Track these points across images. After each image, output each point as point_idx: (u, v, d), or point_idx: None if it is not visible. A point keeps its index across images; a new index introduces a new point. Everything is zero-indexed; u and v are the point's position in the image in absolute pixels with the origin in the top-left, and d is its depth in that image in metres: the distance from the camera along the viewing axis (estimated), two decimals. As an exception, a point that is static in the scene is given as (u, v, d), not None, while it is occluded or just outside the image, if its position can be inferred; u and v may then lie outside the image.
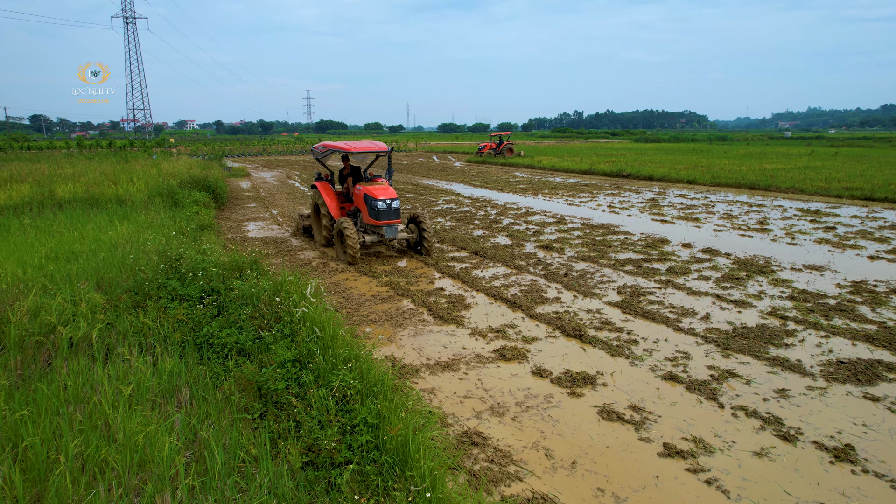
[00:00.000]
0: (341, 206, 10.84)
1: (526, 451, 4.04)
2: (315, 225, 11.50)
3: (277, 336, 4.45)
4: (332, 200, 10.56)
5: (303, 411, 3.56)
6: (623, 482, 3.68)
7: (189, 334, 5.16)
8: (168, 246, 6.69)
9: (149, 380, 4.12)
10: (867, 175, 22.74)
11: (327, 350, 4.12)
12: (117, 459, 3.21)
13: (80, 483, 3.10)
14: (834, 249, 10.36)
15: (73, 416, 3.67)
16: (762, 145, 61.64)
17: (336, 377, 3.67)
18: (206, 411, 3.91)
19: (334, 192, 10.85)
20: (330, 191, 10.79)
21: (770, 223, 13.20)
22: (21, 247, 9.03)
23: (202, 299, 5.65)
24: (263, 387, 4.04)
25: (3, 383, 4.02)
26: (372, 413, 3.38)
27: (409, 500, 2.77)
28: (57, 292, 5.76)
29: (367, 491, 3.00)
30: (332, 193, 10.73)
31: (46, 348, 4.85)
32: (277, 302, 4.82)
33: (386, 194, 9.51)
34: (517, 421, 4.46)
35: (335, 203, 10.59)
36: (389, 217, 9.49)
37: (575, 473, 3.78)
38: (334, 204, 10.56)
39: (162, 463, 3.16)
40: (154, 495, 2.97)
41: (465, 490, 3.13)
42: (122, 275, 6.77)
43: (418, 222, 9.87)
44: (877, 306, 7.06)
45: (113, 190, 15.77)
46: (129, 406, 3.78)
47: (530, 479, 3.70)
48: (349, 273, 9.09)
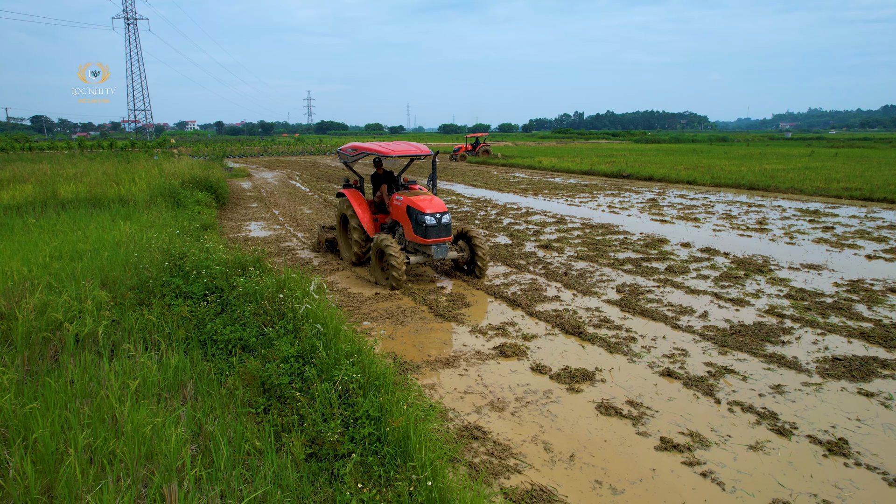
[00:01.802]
0: (374, 217, 9.49)
1: (525, 444, 4.11)
2: (342, 239, 10.01)
3: (281, 332, 4.53)
4: (364, 212, 9.11)
5: (306, 405, 3.63)
6: (620, 475, 3.75)
7: (193, 331, 5.24)
8: (172, 244, 6.76)
9: (154, 375, 4.20)
10: (866, 176, 22.80)
11: (330, 345, 4.19)
12: (125, 451, 3.28)
13: (89, 474, 3.17)
14: (832, 249, 10.43)
15: (80, 409, 3.74)
16: (762, 146, 61.69)
17: (339, 372, 3.75)
18: (211, 405, 3.98)
19: (366, 203, 9.40)
20: (361, 200, 9.31)
21: (769, 223, 13.27)
22: (25, 246, 9.11)
23: (206, 296, 5.73)
24: (267, 382, 4.11)
25: (13, 378, 4.09)
26: (374, 406, 3.45)
27: (410, 490, 2.84)
28: (63, 290, 5.84)
29: (370, 481, 3.07)
30: (364, 204, 9.26)
31: (53, 344, 4.92)
32: (281, 298, 4.89)
33: (434, 207, 8.05)
34: (516, 415, 4.53)
35: (368, 215, 9.14)
36: (439, 234, 8.02)
37: (573, 466, 3.85)
38: (367, 216, 9.10)
39: (169, 454, 3.23)
40: (161, 486, 3.04)
41: (465, 481, 3.20)
42: (126, 273, 6.86)
43: (469, 238, 8.45)
44: (873, 305, 7.13)
45: (115, 190, 15.86)
46: (135, 400, 3.85)
47: (529, 471, 3.77)
48: (350, 272, 9.16)
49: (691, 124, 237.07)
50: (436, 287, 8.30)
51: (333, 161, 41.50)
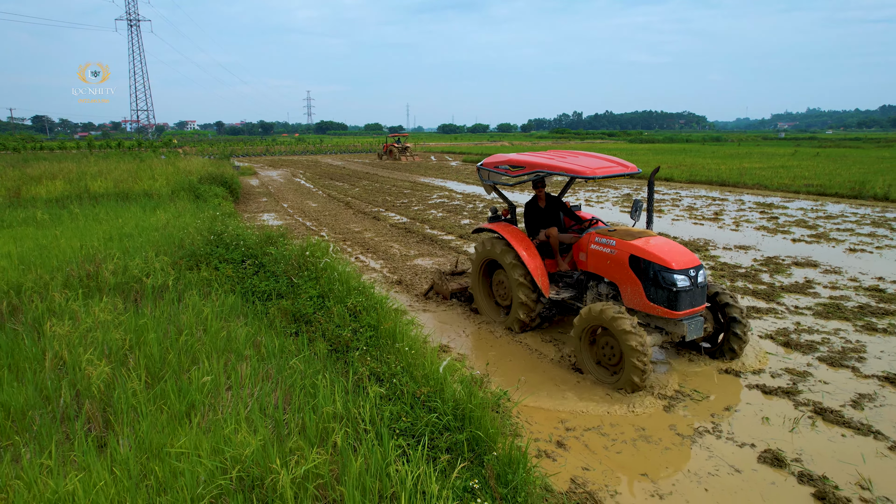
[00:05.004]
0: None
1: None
2: (482, 293, 7.25)
3: (306, 279, 6.23)
4: (533, 258, 6.39)
5: (327, 321, 5.34)
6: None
7: (236, 285, 6.95)
8: (213, 224, 8.47)
9: (218, 307, 5.91)
10: (833, 174, 24.47)
11: (343, 284, 5.90)
12: (210, 344, 4.98)
13: (185, 363, 4.86)
14: (767, 235, 12.13)
15: (169, 327, 5.44)
16: (753, 146, 63.46)
17: (350, 299, 5.45)
18: (259, 326, 5.68)
19: (533, 245, 6.62)
20: (526, 242, 6.57)
21: (724, 214, 14.98)
22: (79, 230, 10.84)
23: (244, 261, 7.44)
24: (297, 313, 5.81)
25: (120, 308, 5.80)
26: (373, 318, 5.16)
27: (395, 361, 4.53)
28: (135, 256, 7.56)
29: (371, 360, 4.77)
30: (531, 247, 6.52)
31: (135, 292, 6.63)
32: (307, 255, 6.60)
33: (683, 259, 5.36)
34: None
35: (539, 263, 6.40)
36: (694, 303, 5.36)
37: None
38: (539, 266, 6.37)
39: (239, 346, 4.93)
40: (236, 365, 4.74)
41: (434, 349, 4.90)
42: (174, 247, 8.57)
43: (724, 306, 5.74)
44: (775, 274, 8.84)
45: (140, 185, 17.63)
46: (208, 320, 5.55)
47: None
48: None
49: (689, 124, 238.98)
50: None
51: (334, 161, 43.25)
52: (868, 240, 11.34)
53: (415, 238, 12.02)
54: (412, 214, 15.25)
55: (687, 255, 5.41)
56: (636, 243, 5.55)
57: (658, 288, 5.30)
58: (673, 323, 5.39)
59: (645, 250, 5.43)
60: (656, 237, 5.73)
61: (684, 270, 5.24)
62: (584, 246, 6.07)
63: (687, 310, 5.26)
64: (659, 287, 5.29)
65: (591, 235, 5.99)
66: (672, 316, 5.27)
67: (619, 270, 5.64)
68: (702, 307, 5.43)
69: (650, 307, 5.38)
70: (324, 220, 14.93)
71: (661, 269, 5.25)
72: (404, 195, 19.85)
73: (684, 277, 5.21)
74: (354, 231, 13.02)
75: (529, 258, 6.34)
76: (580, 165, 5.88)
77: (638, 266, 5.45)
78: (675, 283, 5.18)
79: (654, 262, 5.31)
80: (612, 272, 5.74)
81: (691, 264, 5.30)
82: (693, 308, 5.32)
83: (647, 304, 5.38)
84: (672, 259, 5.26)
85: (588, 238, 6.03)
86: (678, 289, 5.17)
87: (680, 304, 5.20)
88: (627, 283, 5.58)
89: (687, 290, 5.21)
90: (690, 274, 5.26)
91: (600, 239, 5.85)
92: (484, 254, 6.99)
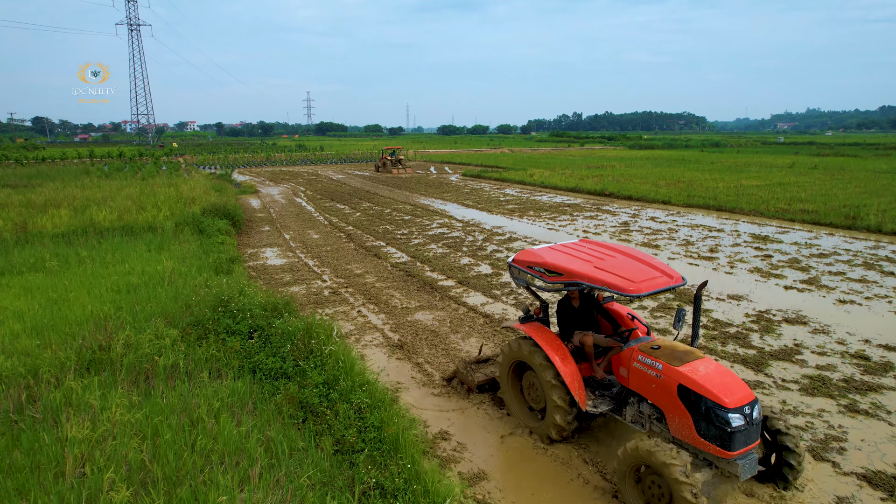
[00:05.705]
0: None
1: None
2: (512, 395, 6.78)
3: (311, 365, 6.50)
4: (567, 365, 5.95)
5: (333, 418, 5.60)
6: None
7: (244, 361, 7.21)
8: (220, 290, 8.73)
9: (229, 396, 6.17)
10: (830, 195, 24.75)
11: (347, 376, 6.16)
12: (223, 448, 5.24)
13: (198, 464, 5.12)
14: (760, 280, 12.38)
15: (182, 417, 5.70)
16: (752, 152, 63.79)
17: (354, 396, 5.72)
18: (267, 418, 5.95)
19: (568, 351, 6.15)
20: (560, 347, 6.14)
21: (719, 250, 15.24)
22: (88, 279, 11.10)
23: (251, 334, 7.70)
24: (304, 401, 6.07)
25: (133, 398, 6.07)
26: (377, 419, 5.42)
27: (398, 472, 4.79)
28: (143, 328, 7.82)
29: (375, 466, 5.03)
30: (566, 353, 6.08)
31: (146, 370, 6.89)
32: (310, 341, 6.86)
33: (738, 392, 4.96)
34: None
35: (574, 370, 5.96)
36: (748, 441, 4.95)
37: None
38: (575, 374, 5.92)
39: (250, 450, 5.20)
40: (248, 468, 5.00)
41: (434, 466, 5.17)
42: (182, 310, 8.82)
43: (777, 434, 5.29)
44: (765, 334, 9.10)
45: (143, 216, 17.90)
46: (218, 412, 5.81)
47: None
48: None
49: (689, 125, 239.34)
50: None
51: (334, 174, 43.56)
52: (858, 287, 11.60)
53: (415, 284, 12.27)
54: (412, 251, 15.51)
55: (741, 388, 4.97)
56: (685, 371, 5.06)
57: (710, 424, 4.83)
58: (725, 461, 4.90)
59: (696, 382, 4.93)
60: (705, 361, 5.23)
61: (739, 409, 4.78)
62: (626, 362, 5.58)
63: (741, 449, 4.82)
64: (711, 424, 4.82)
65: (634, 352, 5.52)
66: (725, 456, 4.80)
67: (666, 398, 5.16)
68: (756, 443, 4.98)
69: (701, 443, 4.92)
70: (326, 257, 15.19)
71: (715, 406, 4.78)
72: (405, 223, 20.15)
73: (739, 416, 4.76)
74: (356, 274, 13.28)
75: (563, 365, 5.87)
76: (623, 278, 5.32)
77: (688, 398, 4.97)
78: (729, 422, 4.72)
79: (706, 398, 4.84)
80: (658, 397, 5.26)
81: (746, 400, 4.85)
82: (747, 447, 4.87)
83: (698, 439, 4.94)
84: (726, 395, 4.79)
85: (630, 354, 5.55)
86: (733, 429, 4.71)
87: (734, 444, 4.75)
88: (675, 413, 5.10)
89: (742, 429, 4.75)
90: (745, 412, 4.80)
91: (644, 359, 5.37)
92: (512, 355, 6.52)
